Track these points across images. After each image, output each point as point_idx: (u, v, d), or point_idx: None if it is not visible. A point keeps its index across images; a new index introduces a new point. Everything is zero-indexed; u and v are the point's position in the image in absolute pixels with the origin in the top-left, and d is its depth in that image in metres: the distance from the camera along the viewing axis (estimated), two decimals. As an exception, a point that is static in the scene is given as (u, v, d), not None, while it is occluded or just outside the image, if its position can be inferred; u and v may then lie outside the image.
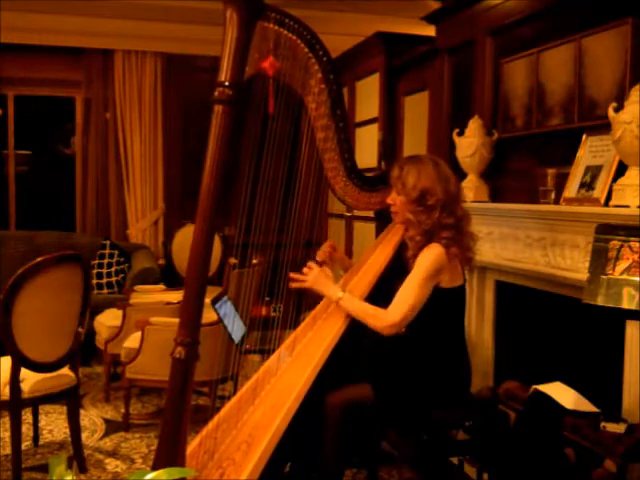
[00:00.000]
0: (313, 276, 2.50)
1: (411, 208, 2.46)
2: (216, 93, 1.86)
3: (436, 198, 2.43)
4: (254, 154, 2.23)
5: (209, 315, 2.41)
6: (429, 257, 2.41)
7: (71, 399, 3.29)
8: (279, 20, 2.05)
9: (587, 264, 2.21)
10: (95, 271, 5.54)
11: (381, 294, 2.50)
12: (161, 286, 5.01)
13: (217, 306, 2.26)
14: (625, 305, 2.00)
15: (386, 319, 2.38)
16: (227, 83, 1.86)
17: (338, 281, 2.75)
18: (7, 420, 3.01)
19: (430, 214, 2.43)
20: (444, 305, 2.48)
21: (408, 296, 2.39)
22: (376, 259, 2.72)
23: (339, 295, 2.46)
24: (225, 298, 2.35)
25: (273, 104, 2.08)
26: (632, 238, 2.03)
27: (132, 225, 6.24)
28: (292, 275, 2.52)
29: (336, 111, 2.43)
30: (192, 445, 2.15)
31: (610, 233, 2.10)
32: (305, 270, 2.53)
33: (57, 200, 6.74)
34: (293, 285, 2.52)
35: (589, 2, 2.98)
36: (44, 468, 3.29)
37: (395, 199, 2.56)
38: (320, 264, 2.62)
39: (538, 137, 3.33)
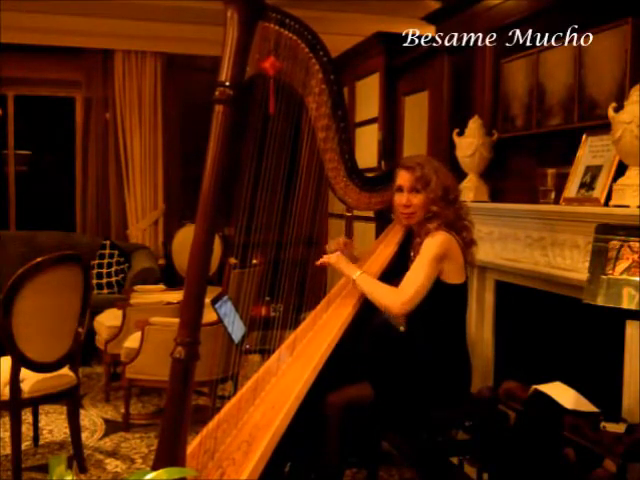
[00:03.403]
0: (336, 255, 2.64)
1: (436, 203, 2.54)
2: (217, 93, 1.86)
3: (455, 193, 2.59)
4: (255, 154, 2.23)
5: (209, 315, 2.41)
6: (435, 242, 2.47)
7: (71, 399, 3.29)
8: (280, 20, 2.05)
9: (587, 264, 2.21)
10: (95, 271, 5.54)
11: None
12: (161, 286, 5.01)
13: (217, 306, 2.26)
14: (625, 305, 2.01)
15: (399, 297, 2.43)
16: (228, 83, 1.86)
17: (338, 280, 2.76)
18: (7, 420, 3.02)
19: (453, 208, 2.55)
20: (446, 302, 2.49)
21: (417, 275, 2.44)
22: (375, 261, 2.72)
23: (357, 274, 2.54)
24: (225, 298, 2.35)
25: (274, 104, 2.08)
26: (632, 238, 2.03)
27: (132, 225, 6.24)
28: (319, 261, 2.68)
29: (337, 111, 2.43)
30: (192, 445, 2.15)
31: (610, 233, 2.10)
32: (332, 253, 2.68)
33: (57, 200, 6.74)
34: (318, 263, 2.68)
35: (589, 2, 2.98)
36: (44, 468, 3.29)
37: (411, 200, 2.56)
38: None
39: (538, 137, 3.33)
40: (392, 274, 2.61)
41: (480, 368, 3.51)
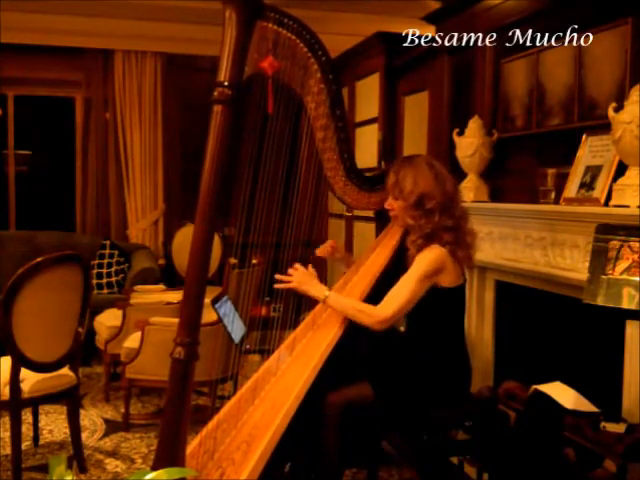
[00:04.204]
0: (298, 276, 2.48)
1: (410, 213, 2.47)
2: (215, 93, 1.86)
3: (435, 201, 2.43)
4: (253, 154, 2.23)
5: (209, 315, 2.41)
6: (428, 257, 2.41)
7: (71, 399, 3.29)
8: (278, 20, 2.05)
9: (587, 264, 2.21)
10: (95, 271, 5.54)
11: (380, 296, 2.49)
12: (161, 286, 5.01)
13: (217, 306, 2.26)
14: (625, 305, 2.00)
15: (377, 315, 2.37)
16: (226, 83, 1.85)
17: (338, 278, 2.76)
18: (7, 420, 3.02)
19: (429, 218, 2.43)
20: (444, 304, 2.48)
21: (401, 294, 2.39)
22: (374, 261, 2.72)
23: (326, 294, 2.44)
24: (225, 298, 2.35)
25: (272, 104, 2.08)
26: (632, 238, 2.03)
27: (132, 225, 6.24)
28: (277, 276, 2.49)
29: (335, 111, 2.43)
30: (192, 445, 2.15)
31: (610, 233, 2.10)
32: (290, 271, 2.50)
33: (57, 200, 6.74)
34: (278, 286, 2.49)
35: (589, 2, 2.98)
36: (44, 468, 3.29)
37: (392, 204, 2.56)
38: (319, 259, 2.65)
39: (538, 137, 3.33)
40: (390, 277, 2.61)
41: (480, 368, 3.50)
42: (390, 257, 2.68)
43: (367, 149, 5.16)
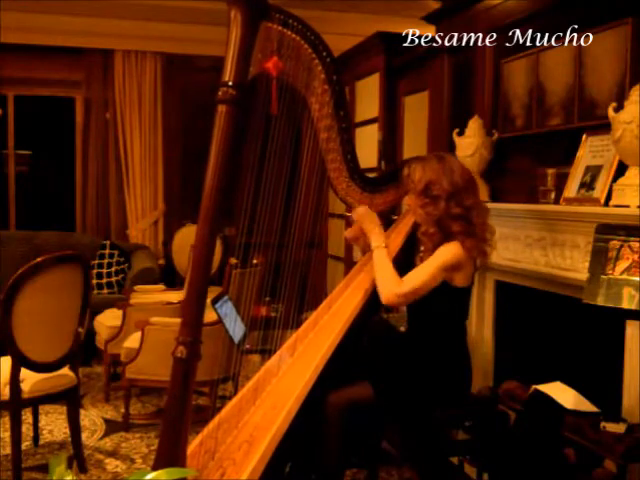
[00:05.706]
0: (364, 210, 2.58)
1: (419, 201, 2.52)
2: (220, 93, 1.86)
3: (441, 188, 2.48)
4: (257, 154, 2.23)
5: (209, 315, 2.41)
6: (449, 251, 2.45)
7: (71, 399, 3.29)
8: (283, 20, 2.06)
9: (587, 264, 2.21)
10: (95, 271, 5.54)
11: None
12: (161, 286, 5.01)
13: (217, 306, 2.26)
14: (625, 305, 2.01)
15: (394, 288, 2.44)
16: (231, 83, 1.86)
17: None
18: (7, 420, 3.02)
19: (436, 204, 2.48)
20: (449, 304, 2.49)
21: (422, 274, 2.44)
22: (394, 241, 2.74)
23: (378, 244, 2.53)
24: (225, 298, 2.35)
25: (277, 104, 2.08)
26: (632, 238, 2.04)
27: (132, 225, 6.24)
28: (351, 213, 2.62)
29: (339, 112, 2.43)
30: (193, 445, 2.15)
31: (610, 233, 2.10)
32: (358, 208, 2.62)
33: (57, 200, 6.74)
34: (350, 214, 2.63)
35: (589, 2, 2.98)
36: (44, 468, 3.29)
37: (408, 200, 2.62)
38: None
39: (538, 137, 3.33)
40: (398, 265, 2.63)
41: (480, 368, 3.51)
42: (401, 245, 2.70)
43: (367, 149, 5.16)
